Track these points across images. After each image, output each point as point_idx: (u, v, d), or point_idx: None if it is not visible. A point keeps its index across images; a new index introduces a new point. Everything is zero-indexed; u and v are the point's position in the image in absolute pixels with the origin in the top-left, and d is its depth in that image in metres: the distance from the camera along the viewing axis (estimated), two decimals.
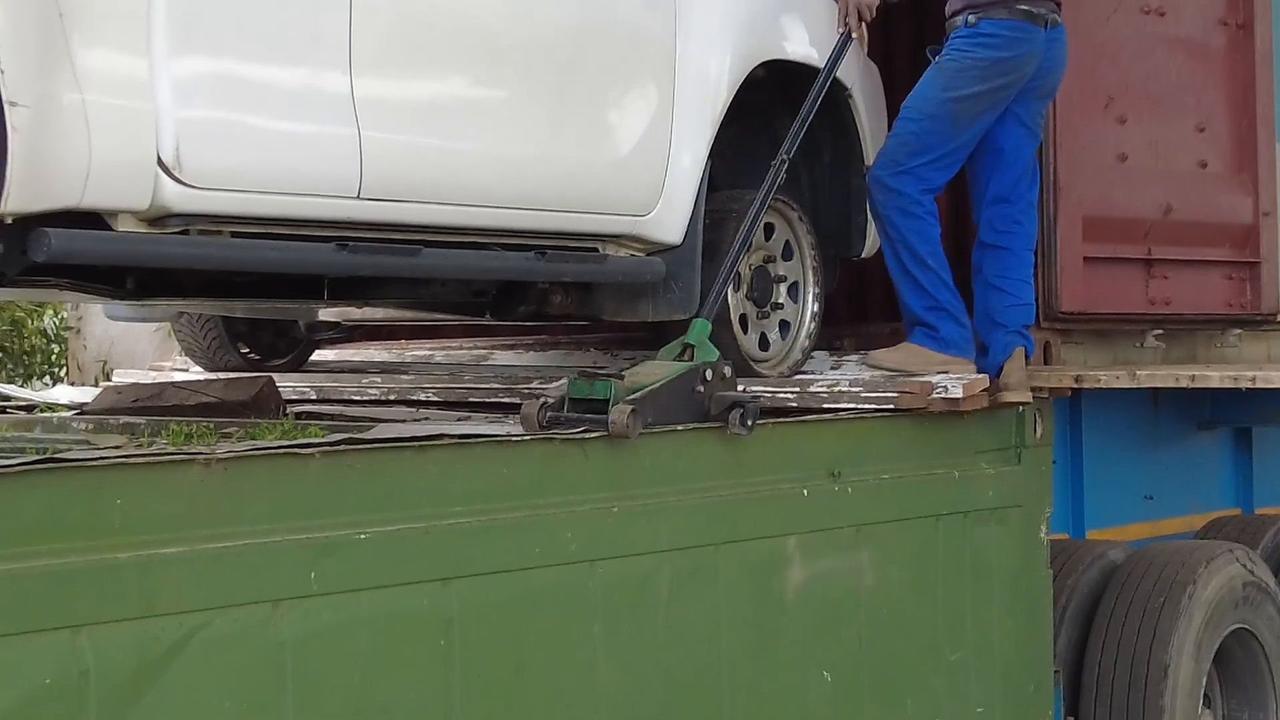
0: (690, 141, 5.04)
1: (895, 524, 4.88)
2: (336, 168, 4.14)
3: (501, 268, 4.72)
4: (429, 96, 4.44)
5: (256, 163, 4.00)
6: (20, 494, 3.10)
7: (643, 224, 4.95)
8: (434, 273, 4.62)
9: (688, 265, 5.03)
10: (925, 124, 5.27)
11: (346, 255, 4.16)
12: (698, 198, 5.06)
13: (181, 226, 3.90)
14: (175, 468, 3.32)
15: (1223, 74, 6.41)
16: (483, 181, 4.52)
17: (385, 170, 4.22)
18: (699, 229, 5.06)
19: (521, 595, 3.87)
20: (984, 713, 5.13)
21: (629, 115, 4.95)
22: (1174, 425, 6.81)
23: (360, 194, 4.17)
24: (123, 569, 3.17)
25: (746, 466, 4.47)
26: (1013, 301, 5.34)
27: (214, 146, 3.89)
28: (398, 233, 4.34)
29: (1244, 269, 6.43)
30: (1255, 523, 6.94)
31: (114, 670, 3.14)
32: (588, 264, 4.85)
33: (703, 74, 5.07)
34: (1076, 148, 5.72)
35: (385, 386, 5.70)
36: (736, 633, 4.38)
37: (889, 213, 5.31)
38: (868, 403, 4.90)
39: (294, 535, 3.45)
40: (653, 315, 5.08)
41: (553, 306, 5.21)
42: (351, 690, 3.52)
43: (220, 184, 3.92)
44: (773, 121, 5.61)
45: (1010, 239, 5.38)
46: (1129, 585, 5.83)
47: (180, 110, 3.79)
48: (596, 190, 4.83)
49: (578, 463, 4.06)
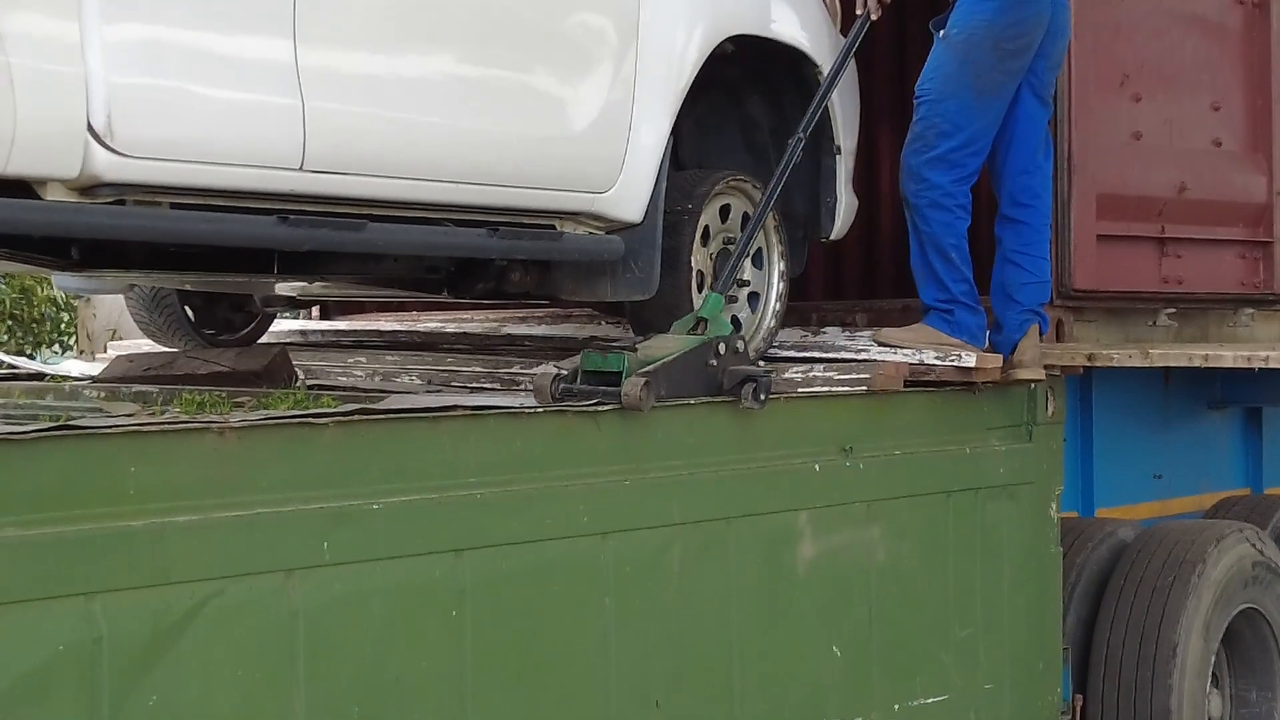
0: (652, 117, 4.82)
1: (906, 500, 4.89)
2: (278, 138, 3.96)
3: (452, 243, 4.52)
4: (377, 66, 4.21)
5: (194, 132, 3.80)
6: (35, 461, 3.10)
7: (601, 201, 4.74)
8: (380, 248, 4.44)
9: (648, 245, 4.83)
10: (949, 103, 5.20)
11: (288, 229, 3.98)
12: (659, 175, 4.84)
13: (115, 196, 3.73)
14: (190, 436, 3.32)
15: (1238, 52, 6.38)
16: (432, 155, 4.33)
17: (330, 142, 4.04)
18: (660, 207, 4.85)
19: (533, 567, 3.87)
20: (992, 689, 5.14)
21: (588, 88, 4.70)
22: (1184, 404, 6.82)
23: (304, 166, 4.00)
24: (137, 537, 3.18)
25: (759, 441, 4.47)
26: (1029, 279, 5.31)
27: (148, 114, 3.70)
28: (344, 206, 4.16)
29: (1257, 248, 6.41)
30: (1265, 502, 6.95)
31: (127, 638, 3.15)
32: (543, 241, 4.66)
33: (667, 46, 4.86)
34: (1091, 125, 5.70)
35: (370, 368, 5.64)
36: (747, 607, 4.39)
37: (919, 204, 5.23)
38: (841, 385, 4.84)
39: (307, 505, 3.46)
40: (611, 295, 4.90)
41: (511, 284, 5.01)
42: (364, 660, 3.53)
43: (155, 153, 3.72)
44: (742, 99, 5.51)
45: (1031, 213, 5.36)
46: (1138, 564, 5.84)
47: (112, 75, 3.60)
48: (553, 165, 4.63)
49: (590, 435, 4.06)
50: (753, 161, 5.47)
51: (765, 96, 5.54)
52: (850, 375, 4.87)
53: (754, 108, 5.55)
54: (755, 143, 5.58)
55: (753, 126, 5.58)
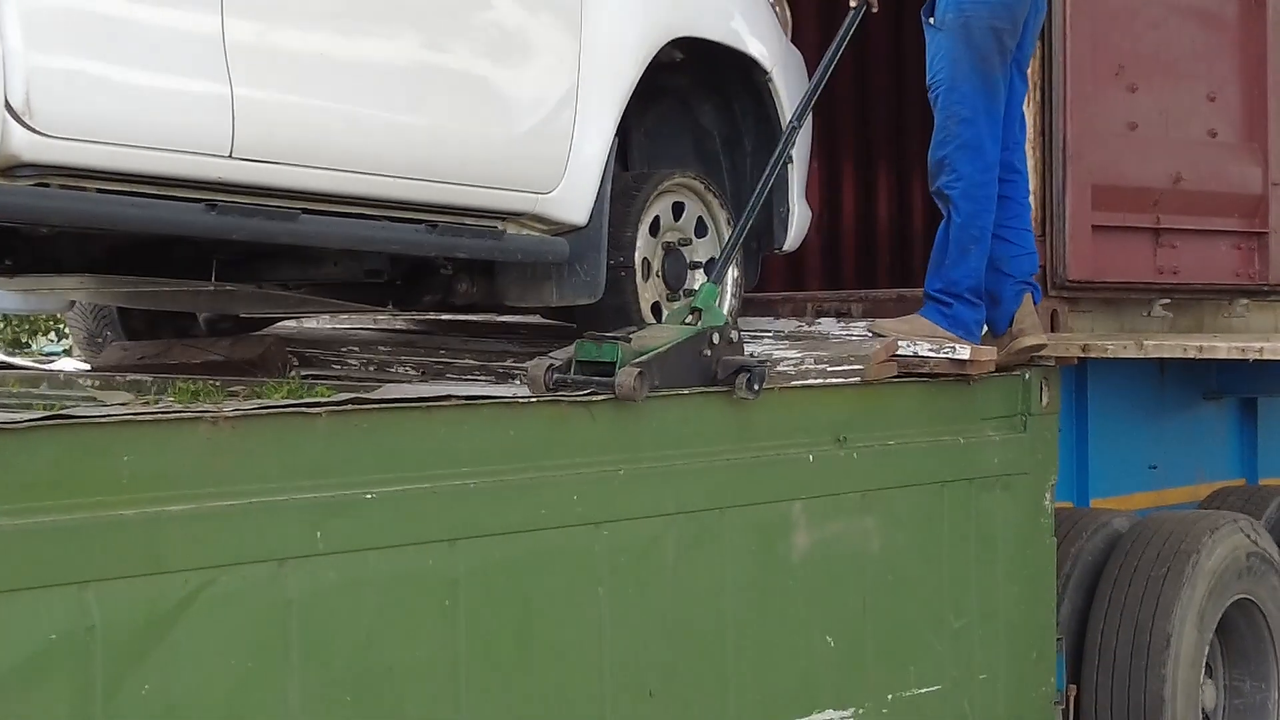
0: (597, 117, 4.75)
1: (900, 490, 4.89)
2: (206, 123, 3.84)
3: (388, 238, 4.39)
4: (311, 53, 4.09)
5: (119, 113, 3.68)
6: (28, 450, 3.09)
7: (545, 202, 4.65)
8: (313, 240, 4.26)
9: (593, 247, 4.74)
10: (962, 89, 5.17)
11: (216, 217, 3.87)
12: (605, 177, 4.75)
13: (36, 178, 3.62)
14: (184, 425, 3.32)
15: (1234, 43, 6.38)
16: (369, 147, 4.23)
17: (260, 129, 3.93)
18: (605, 210, 4.77)
19: (527, 557, 3.87)
20: (987, 679, 5.14)
21: (531, 86, 4.64)
22: (1180, 395, 6.82)
23: (233, 153, 3.88)
24: (130, 526, 3.18)
25: (752, 431, 4.47)
26: (1018, 251, 5.32)
27: (71, 93, 3.59)
28: (276, 197, 4.04)
29: (1252, 239, 6.41)
30: (1259, 493, 6.95)
31: (121, 626, 3.15)
32: (483, 240, 4.55)
33: (612, 47, 4.77)
34: (1087, 115, 5.70)
35: (363, 358, 5.63)
36: (741, 596, 4.39)
37: (952, 194, 5.18)
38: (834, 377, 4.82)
39: (301, 494, 3.45)
40: (556, 299, 4.81)
41: (458, 295, 4.93)
42: (357, 649, 3.53)
43: (78, 134, 3.61)
44: (692, 105, 5.46)
45: (1013, 188, 5.36)
46: (1132, 554, 5.84)
47: (32, 53, 3.49)
48: (495, 163, 4.54)
49: (584, 425, 4.06)
50: (705, 170, 5.41)
51: (716, 105, 5.50)
52: (841, 368, 4.86)
53: (705, 116, 5.51)
54: (707, 151, 5.53)
55: (704, 135, 5.53)
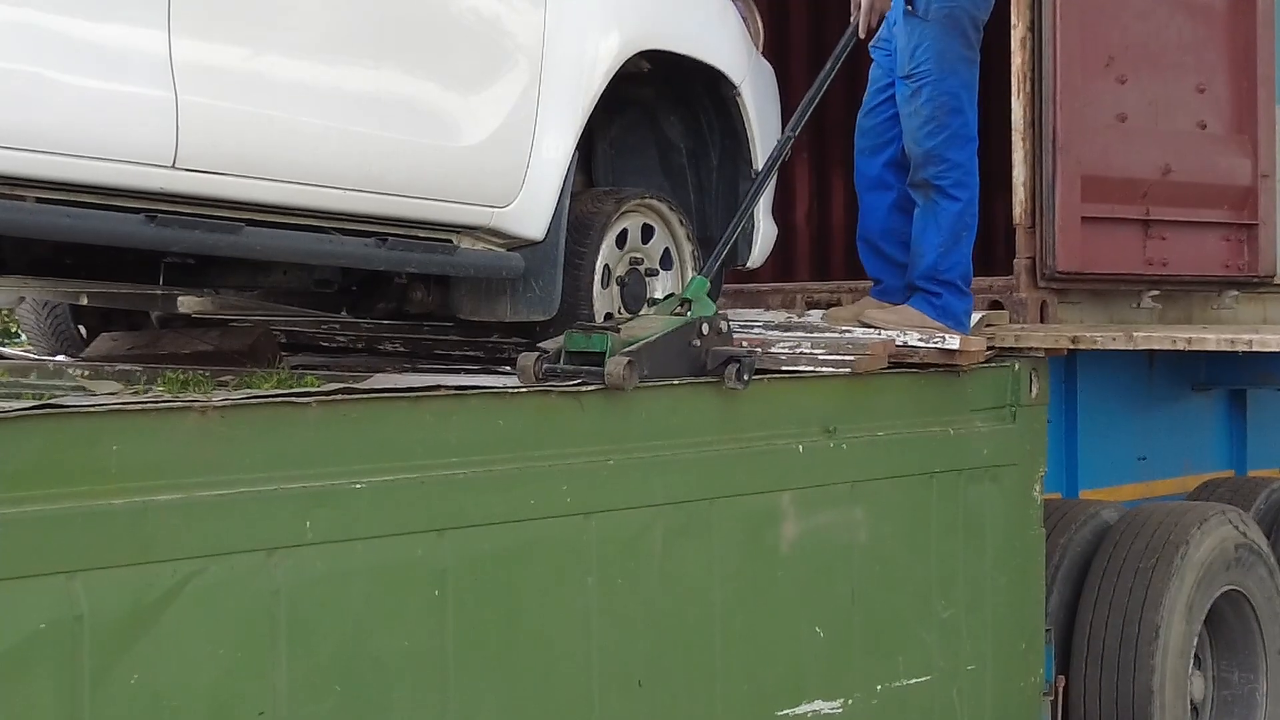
0: (557, 130, 4.64)
1: (889, 480, 4.89)
2: (149, 132, 3.71)
3: (335, 252, 4.27)
4: (259, 62, 3.97)
5: (57, 121, 3.56)
6: (17, 439, 3.09)
7: (501, 216, 4.54)
8: (258, 254, 4.13)
9: (549, 263, 4.64)
10: (952, 80, 5.20)
11: (155, 229, 3.77)
12: (563, 192, 4.66)
13: None
14: (173, 415, 3.32)
15: (1224, 34, 6.38)
16: (318, 158, 4.10)
17: (205, 139, 3.81)
18: (563, 225, 4.67)
19: (516, 547, 3.88)
20: (975, 670, 5.15)
21: (488, 98, 4.51)
22: (1169, 386, 6.83)
23: (176, 163, 3.76)
24: (118, 515, 3.18)
25: (742, 421, 4.47)
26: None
27: (6, 100, 3.47)
28: (221, 209, 3.93)
29: (1242, 231, 6.41)
30: (1248, 485, 6.97)
31: (108, 616, 3.15)
32: (435, 255, 4.44)
33: (574, 59, 4.67)
34: (1076, 107, 5.70)
35: (350, 334, 5.60)
36: (730, 587, 4.39)
37: (943, 184, 5.20)
38: (826, 365, 4.82)
39: (289, 484, 3.45)
40: (510, 315, 4.71)
41: (412, 304, 4.86)
42: (345, 639, 3.53)
43: (13, 142, 3.49)
44: (658, 118, 5.41)
45: None
46: (1121, 545, 5.85)
47: None
48: (449, 176, 4.42)
49: (573, 415, 4.07)
50: (670, 184, 5.38)
51: (683, 118, 5.45)
52: (836, 355, 4.86)
53: (672, 129, 5.45)
54: (672, 165, 5.47)
55: (670, 149, 5.47)
